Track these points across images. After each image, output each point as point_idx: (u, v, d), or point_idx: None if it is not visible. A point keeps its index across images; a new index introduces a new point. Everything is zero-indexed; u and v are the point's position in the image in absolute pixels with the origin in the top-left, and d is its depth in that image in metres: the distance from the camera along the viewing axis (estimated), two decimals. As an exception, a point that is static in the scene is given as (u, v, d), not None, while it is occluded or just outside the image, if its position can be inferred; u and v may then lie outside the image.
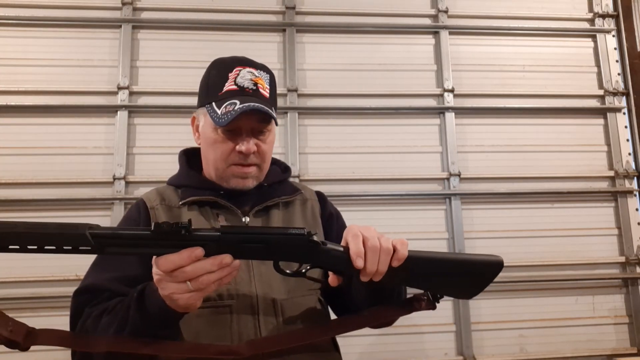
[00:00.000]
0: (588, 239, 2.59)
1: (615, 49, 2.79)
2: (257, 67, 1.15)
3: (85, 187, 2.40)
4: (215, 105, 1.09)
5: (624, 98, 2.73)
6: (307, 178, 2.49)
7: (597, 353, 2.49)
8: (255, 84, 1.11)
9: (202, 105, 1.14)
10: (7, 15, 2.48)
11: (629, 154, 2.68)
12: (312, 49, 2.66)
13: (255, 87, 1.11)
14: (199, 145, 1.19)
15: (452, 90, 2.64)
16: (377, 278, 0.90)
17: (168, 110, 2.49)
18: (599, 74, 2.77)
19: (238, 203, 1.13)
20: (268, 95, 1.13)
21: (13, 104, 2.41)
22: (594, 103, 2.74)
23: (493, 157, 2.64)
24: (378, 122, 2.61)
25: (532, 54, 2.75)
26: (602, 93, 2.74)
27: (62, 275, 2.27)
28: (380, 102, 2.62)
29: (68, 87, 2.47)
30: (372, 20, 2.70)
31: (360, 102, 2.61)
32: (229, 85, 1.10)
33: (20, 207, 2.34)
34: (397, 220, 2.52)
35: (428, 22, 2.75)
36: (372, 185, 2.54)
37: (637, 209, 2.62)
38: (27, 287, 2.27)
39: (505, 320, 2.48)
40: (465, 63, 2.71)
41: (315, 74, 2.63)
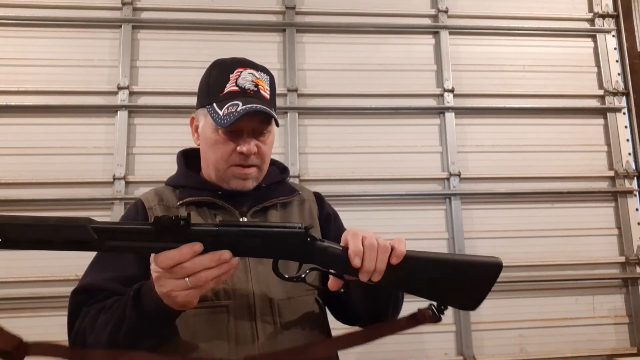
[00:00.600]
0: (588, 239, 2.59)
1: (615, 49, 2.79)
2: (257, 68, 1.15)
3: (85, 187, 2.40)
4: (217, 106, 1.08)
5: (624, 98, 2.73)
6: (307, 178, 2.49)
7: (597, 353, 2.49)
8: (257, 86, 1.11)
9: (202, 106, 1.14)
10: (7, 15, 2.48)
11: (629, 154, 2.68)
12: (312, 49, 2.66)
13: (257, 88, 1.11)
14: (198, 146, 1.19)
15: (452, 90, 2.64)
16: (376, 277, 0.90)
17: (168, 110, 2.50)
18: (599, 74, 2.77)
19: (236, 203, 1.13)
20: (269, 97, 1.13)
21: (13, 104, 2.42)
22: (594, 103, 2.74)
23: (493, 157, 2.64)
24: (378, 122, 2.61)
25: (532, 54, 2.75)
26: (602, 93, 2.74)
27: (62, 275, 2.28)
28: (380, 102, 2.62)
29: (68, 87, 2.47)
30: (372, 20, 2.70)
31: (360, 102, 2.61)
32: (230, 87, 1.10)
33: (20, 207, 2.35)
34: (397, 220, 2.52)
35: (428, 22, 2.75)
36: (372, 185, 2.55)
37: (637, 209, 2.62)
38: (27, 287, 2.28)
39: (505, 320, 2.48)
40: (465, 63, 2.71)
41: (315, 74, 2.63)
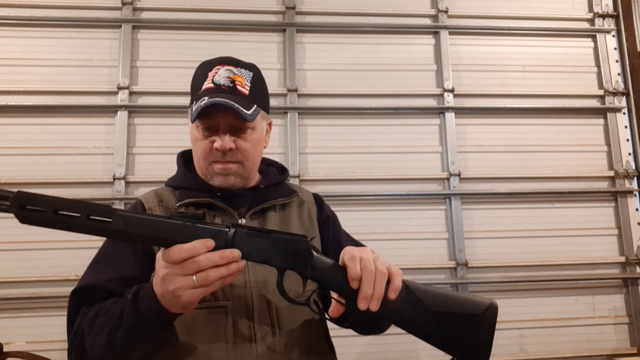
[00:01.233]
0: (588, 239, 2.59)
1: (615, 49, 2.79)
2: (239, 65, 1.15)
3: (85, 187, 2.40)
4: (194, 104, 1.10)
5: (624, 98, 2.73)
6: (307, 178, 2.49)
7: (597, 353, 2.49)
8: (233, 82, 1.11)
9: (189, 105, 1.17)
10: (7, 15, 2.48)
11: (629, 154, 2.68)
12: (312, 49, 2.66)
13: (232, 84, 1.11)
14: None
15: (452, 90, 2.64)
16: (374, 306, 0.89)
17: (168, 110, 2.50)
18: (599, 74, 2.77)
19: (234, 205, 1.13)
20: (247, 92, 1.12)
21: (13, 104, 2.41)
22: (594, 103, 2.74)
23: (493, 157, 2.64)
24: (378, 122, 2.61)
25: (532, 54, 2.75)
26: (602, 93, 2.74)
27: (62, 275, 2.28)
28: (380, 102, 2.62)
29: (68, 87, 2.47)
30: (372, 20, 2.70)
31: (360, 102, 2.61)
32: (207, 84, 1.11)
33: (21, 207, 2.34)
34: (397, 220, 2.52)
35: (428, 22, 2.75)
36: (372, 185, 2.55)
37: (637, 209, 2.62)
38: (27, 287, 2.28)
39: (505, 320, 2.47)
40: (465, 63, 2.71)
41: (315, 74, 2.63)
